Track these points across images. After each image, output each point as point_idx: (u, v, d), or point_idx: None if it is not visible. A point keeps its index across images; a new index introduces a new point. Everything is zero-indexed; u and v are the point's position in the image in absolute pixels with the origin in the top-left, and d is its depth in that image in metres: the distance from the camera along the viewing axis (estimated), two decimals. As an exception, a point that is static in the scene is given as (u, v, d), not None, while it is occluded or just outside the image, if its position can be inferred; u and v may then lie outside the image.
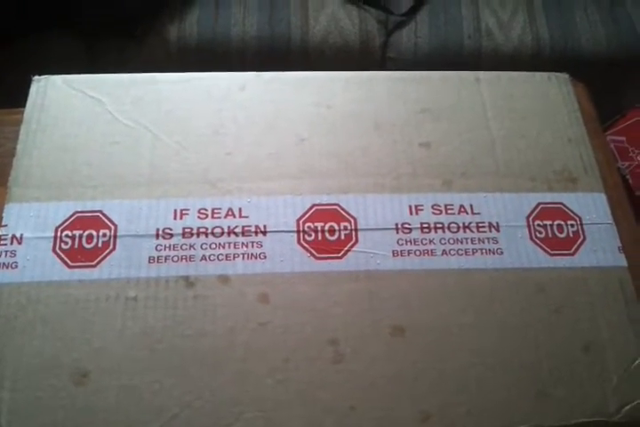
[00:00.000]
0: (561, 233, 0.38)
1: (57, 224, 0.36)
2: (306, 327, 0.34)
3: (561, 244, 0.38)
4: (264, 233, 0.37)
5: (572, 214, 0.39)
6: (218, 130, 0.40)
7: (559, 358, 0.34)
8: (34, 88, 0.42)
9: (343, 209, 0.38)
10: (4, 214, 0.37)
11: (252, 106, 0.42)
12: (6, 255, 0.35)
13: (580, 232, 0.38)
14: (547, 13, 0.81)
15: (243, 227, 0.37)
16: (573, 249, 0.38)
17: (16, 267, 0.35)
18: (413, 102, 0.43)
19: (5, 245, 0.36)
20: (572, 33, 0.80)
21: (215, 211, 0.37)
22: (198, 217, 0.37)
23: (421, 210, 0.38)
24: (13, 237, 0.36)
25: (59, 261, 0.35)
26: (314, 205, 0.38)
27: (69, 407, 0.32)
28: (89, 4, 0.77)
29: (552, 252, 0.38)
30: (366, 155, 0.40)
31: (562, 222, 0.39)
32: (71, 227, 0.36)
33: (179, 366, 0.33)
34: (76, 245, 0.36)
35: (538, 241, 0.38)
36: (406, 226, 0.37)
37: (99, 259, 0.35)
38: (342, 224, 0.37)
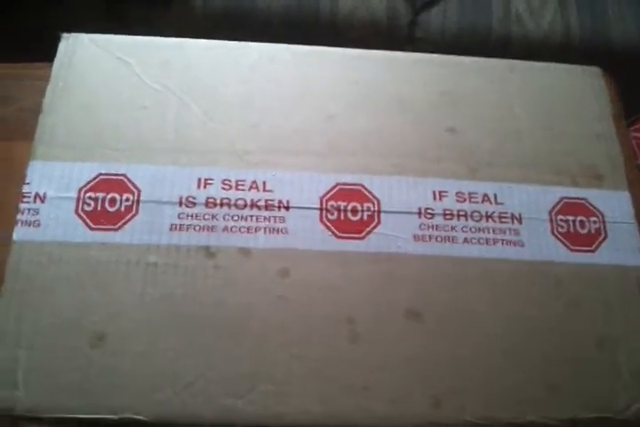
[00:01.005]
0: (583, 229, 0.38)
1: (80, 185, 0.36)
2: (324, 304, 0.35)
3: (582, 240, 0.38)
4: (287, 208, 0.36)
5: (595, 211, 0.39)
6: (245, 101, 0.40)
7: (572, 352, 0.35)
8: (62, 45, 0.41)
9: (367, 190, 0.37)
10: (27, 172, 0.37)
11: (281, 78, 0.41)
12: (29, 213, 0.35)
13: (602, 230, 0.38)
14: (578, 3, 0.80)
15: (266, 200, 0.36)
16: (594, 246, 0.38)
17: (38, 225, 0.35)
18: (443, 86, 0.42)
19: (28, 202, 0.36)
20: (602, 25, 0.78)
21: (239, 183, 0.37)
22: (222, 188, 0.37)
23: (445, 196, 0.38)
24: (37, 195, 0.36)
25: (81, 222, 0.35)
26: (338, 184, 0.37)
27: (85, 370, 0.32)
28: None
29: (573, 247, 0.38)
30: (392, 136, 0.40)
31: (584, 219, 0.39)
32: (94, 189, 0.36)
33: (196, 335, 0.33)
34: (98, 208, 0.36)
35: (559, 236, 0.38)
36: (429, 211, 0.37)
37: (121, 223, 0.35)
38: (365, 205, 0.37)
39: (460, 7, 0.78)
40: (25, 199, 0.36)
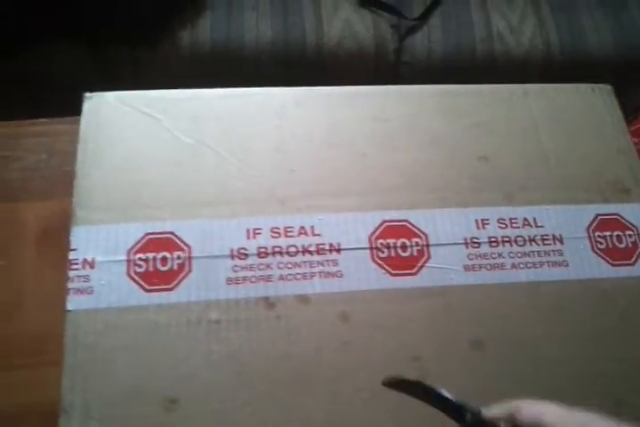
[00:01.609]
0: (620, 243, 0.40)
1: (128, 247, 0.36)
2: (388, 345, 0.35)
3: (621, 254, 0.39)
4: (338, 251, 0.37)
5: (628, 225, 0.40)
6: (279, 146, 0.40)
7: (632, 365, 0.35)
8: (86, 105, 0.41)
9: (413, 225, 0.38)
10: (72, 238, 0.36)
11: (309, 121, 0.42)
12: (79, 280, 0.35)
13: (638, 242, 0.40)
14: (555, 17, 0.83)
15: (317, 245, 0.37)
16: (633, 259, 0.39)
17: (91, 292, 0.34)
18: (467, 116, 0.43)
19: (77, 269, 0.35)
20: (579, 38, 0.81)
21: (287, 229, 0.37)
22: (272, 236, 0.37)
23: (487, 224, 0.39)
24: (85, 261, 0.35)
25: (134, 285, 0.35)
26: (384, 221, 0.38)
27: (162, 435, 0.31)
28: (93, 12, 0.75)
29: (614, 262, 0.39)
30: (427, 169, 0.40)
31: (620, 233, 0.40)
32: (144, 249, 0.36)
33: (268, 390, 0.33)
34: (150, 268, 0.35)
35: (600, 252, 0.39)
36: (475, 240, 0.38)
37: (176, 281, 0.35)
38: (414, 240, 0.37)
39: (443, 30, 0.80)
40: (73, 266, 0.35)
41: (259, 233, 0.37)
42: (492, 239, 0.38)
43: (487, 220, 0.39)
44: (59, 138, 0.47)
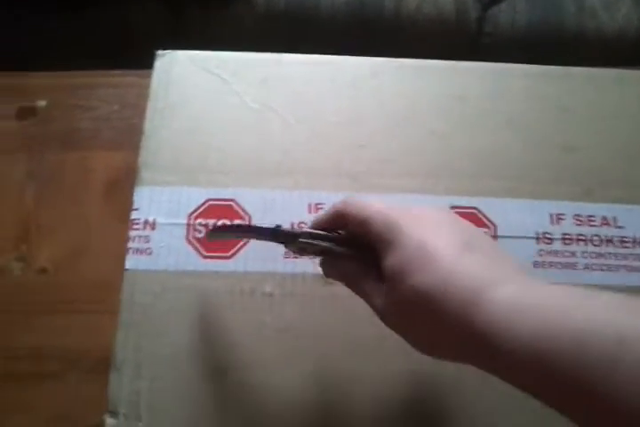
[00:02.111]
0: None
1: (189, 211, 0.36)
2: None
3: None
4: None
5: None
6: (350, 119, 0.39)
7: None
8: (158, 63, 0.40)
9: (482, 213, 0.36)
10: (135, 198, 0.36)
11: (383, 95, 0.40)
12: (140, 241, 0.35)
13: None
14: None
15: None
16: None
17: (150, 253, 0.35)
18: (553, 101, 0.40)
19: (138, 229, 0.35)
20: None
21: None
22: (333, 213, 0.36)
23: (562, 219, 0.36)
24: (146, 222, 0.35)
25: (192, 250, 0.35)
26: (452, 208, 0.36)
27: (207, 402, 0.32)
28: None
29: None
30: (502, 155, 0.38)
31: None
32: (204, 214, 0.35)
33: (317, 365, 0.33)
34: (209, 235, 0.35)
35: (684, 260, 0.36)
36: (547, 236, 0.36)
37: (233, 250, 0.35)
38: (482, 230, 0.36)
39: (529, 1, 0.74)
40: (135, 226, 0.35)
41: (319, 208, 0.36)
42: (566, 236, 0.36)
43: (563, 215, 0.36)
44: (130, 90, 0.47)
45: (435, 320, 0.21)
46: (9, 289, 0.41)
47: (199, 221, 0.35)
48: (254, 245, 0.35)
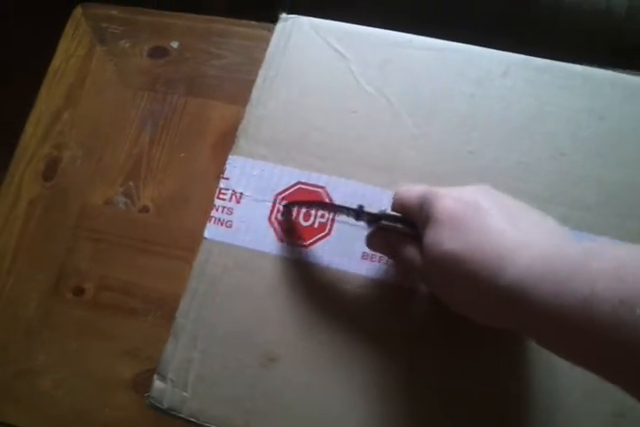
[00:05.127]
0: None
1: (278, 190, 0.34)
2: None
3: None
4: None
5: None
6: (465, 120, 0.35)
7: None
8: (279, 27, 0.38)
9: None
10: (227, 166, 0.35)
11: (510, 99, 0.36)
12: (223, 211, 0.34)
13: None
14: None
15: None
16: None
17: (230, 226, 0.34)
18: None
19: (224, 200, 0.35)
20: None
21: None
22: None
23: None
24: (233, 193, 0.35)
25: (271, 231, 0.34)
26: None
27: (251, 388, 0.31)
28: None
29: None
30: (632, 193, 0.33)
31: None
32: (291, 197, 0.34)
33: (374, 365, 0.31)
34: (292, 219, 0.34)
35: None
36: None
37: (312, 240, 0.33)
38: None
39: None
40: (221, 195, 0.35)
41: (412, 213, 0.33)
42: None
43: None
44: (260, 44, 0.45)
45: (466, 282, 0.24)
46: (112, 221, 0.43)
47: (285, 202, 0.34)
48: (335, 238, 0.33)
